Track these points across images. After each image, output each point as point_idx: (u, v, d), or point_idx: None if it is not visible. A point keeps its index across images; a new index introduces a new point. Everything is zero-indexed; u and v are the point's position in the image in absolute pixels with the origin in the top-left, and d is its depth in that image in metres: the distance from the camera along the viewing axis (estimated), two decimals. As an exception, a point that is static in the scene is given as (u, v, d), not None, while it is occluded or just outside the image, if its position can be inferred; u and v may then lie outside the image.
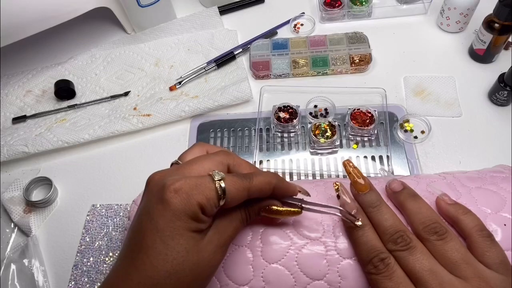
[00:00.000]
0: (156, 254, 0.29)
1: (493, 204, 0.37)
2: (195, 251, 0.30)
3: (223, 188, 0.30)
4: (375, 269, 0.32)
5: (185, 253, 0.29)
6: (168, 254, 0.29)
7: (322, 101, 0.63)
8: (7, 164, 0.62)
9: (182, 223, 0.29)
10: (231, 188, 0.31)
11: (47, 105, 0.68)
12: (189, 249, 0.30)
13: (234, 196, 0.31)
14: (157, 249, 0.29)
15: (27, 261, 0.53)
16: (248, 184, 0.32)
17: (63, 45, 0.76)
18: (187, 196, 0.29)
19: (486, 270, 0.31)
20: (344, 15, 0.74)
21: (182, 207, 0.29)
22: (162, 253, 0.29)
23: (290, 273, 0.36)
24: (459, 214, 0.34)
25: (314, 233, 0.37)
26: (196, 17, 0.75)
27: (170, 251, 0.29)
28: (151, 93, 0.67)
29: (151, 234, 0.29)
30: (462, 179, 0.40)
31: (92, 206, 0.57)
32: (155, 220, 0.29)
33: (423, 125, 0.60)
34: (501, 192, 0.38)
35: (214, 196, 0.30)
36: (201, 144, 0.37)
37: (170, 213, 0.29)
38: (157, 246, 0.29)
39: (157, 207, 0.30)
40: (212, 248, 0.31)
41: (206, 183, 0.30)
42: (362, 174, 0.37)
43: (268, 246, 0.36)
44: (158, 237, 0.29)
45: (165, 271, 0.29)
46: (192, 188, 0.30)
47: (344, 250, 0.36)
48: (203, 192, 0.30)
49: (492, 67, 0.65)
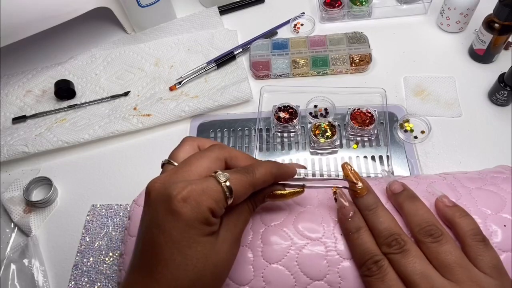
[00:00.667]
0: (176, 265, 0.29)
1: (493, 205, 0.37)
2: (213, 253, 0.30)
3: (230, 188, 0.30)
4: (369, 271, 0.33)
5: (204, 259, 0.29)
6: (188, 264, 0.29)
7: (322, 101, 0.63)
8: (7, 164, 0.62)
9: (197, 231, 0.29)
10: (237, 186, 0.31)
11: (47, 105, 0.68)
12: (207, 253, 0.29)
13: (241, 194, 0.31)
14: (176, 261, 0.29)
15: (27, 261, 0.53)
16: (252, 179, 0.32)
17: (63, 45, 0.76)
18: (197, 203, 0.29)
19: (480, 274, 0.31)
20: (344, 15, 0.74)
21: (194, 216, 0.29)
22: (183, 264, 0.29)
23: (291, 273, 0.36)
24: (455, 217, 0.34)
25: (315, 233, 0.37)
26: (196, 17, 0.75)
27: (190, 260, 0.29)
28: (151, 93, 0.67)
29: (167, 247, 0.29)
30: (463, 180, 0.40)
31: (92, 206, 0.57)
32: (168, 232, 0.29)
33: (423, 125, 0.60)
34: (501, 192, 0.38)
35: (222, 198, 0.30)
36: (190, 139, 0.36)
37: (183, 223, 0.28)
38: (175, 257, 0.29)
39: (167, 218, 0.29)
40: (227, 246, 0.31)
41: (212, 187, 0.30)
42: (360, 177, 0.37)
43: (269, 246, 0.36)
44: (175, 249, 0.29)
45: (188, 280, 0.29)
46: (200, 194, 0.29)
47: (345, 251, 0.36)
48: (211, 197, 0.29)
49: (492, 67, 0.65)
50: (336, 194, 0.36)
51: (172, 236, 0.29)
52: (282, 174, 0.34)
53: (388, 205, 0.37)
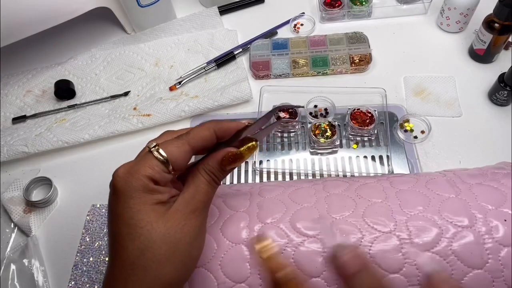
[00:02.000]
0: (123, 237, 0.30)
1: (494, 200, 0.36)
2: (160, 222, 0.30)
3: (161, 154, 0.31)
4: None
5: (149, 226, 0.30)
6: (133, 233, 0.30)
7: (322, 101, 0.63)
8: (7, 164, 0.62)
9: (136, 200, 0.30)
10: (170, 149, 0.31)
11: (47, 105, 0.68)
12: (152, 221, 0.30)
13: (177, 155, 0.31)
14: (122, 233, 0.30)
15: (27, 261, 0.53)
16: (185, 138, 0.32)
17: (63, 45, 0.76)
18: (130, 174, 0.30)
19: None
20: (344, 15, 0.74)
21: (129, 186, 0.30)
22: (128, 234, 0.30)
23: None
24: None
25: (311, 230, 0.36)
26: (196, 17, 0.75)
27: (133, 229, 0.30)
28: (151, 93, 0.67)
29: (115, 222, 0.30)
30: (463, 176, 0.40)
31: (92, 206, 0.57)
32: (114, 209, 0.30)
33: (423, 125, 0.60)
34: (502, 188, 0.38)
35: (157, 163, 0.31)
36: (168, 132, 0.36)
37: (121, 195, 0.30)
38: (121, 229, 0.30)
39: (112, 197, 0.31)
40: (180, 215, 0.31)
41: (144, 156, 0.31)
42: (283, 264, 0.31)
43: None
44: (120, 222, 0.30)
45: (136, 249, 0.29)
46: (132, 167, 0.31)
47: None
48: (144, 164, 0.30)
49: (492, 67, 0.65)
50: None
51: (116, 211, 0.30)
52: (224, 128, 0.34)
53: None
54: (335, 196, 0.39)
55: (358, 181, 0.41)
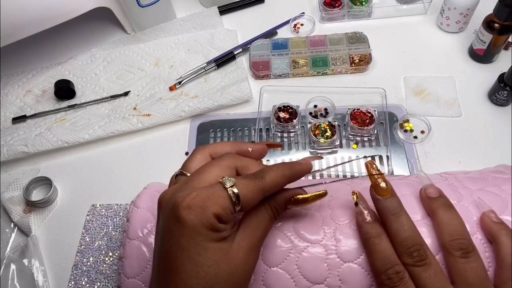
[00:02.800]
0: (187, 273, 0.29)
1: (495, 207, 0.36)
2: (225, 261, 0.29)
3: (236, 194, 0.30)
4: (389, 281, 0.31)
5: (215, 266, 0.29)
6: (199, 271, 0.29)
7: (322, 101, 0.63)
8: (7, 164, 0.62)
9: (204, 237, 0.29)
10: (245, 191, 0.30)
11: (47, 105, 0.68)
12: (218, 260, 0.29)
13: (249, 200, 0.30)
14: (187, 269, 0.29)
15: (27, 261, 0.53)
16: (261, 183, 0.31)
17: (63, 45, 0.76)
18: (201, 209, 0.29)
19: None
20: (344, 15, 0.74)
21: (198, 222, 0.28)
22: (194, 271, 0.29)
23: (291, 277, 0.35)
24: (501, 234, 0.33)
25: (315, 236, 0.36)
26: (196, 17, 0.75)
27: (200, 267, 0.29)
28: (151, 93, 0.67)
29: (177, 255, 0.29)
30: (464, 181, 0.40)
31: (92, 206, 0.57)
32: (177, 240, 0.29)
33: (423, 125, 0.60)
34: (503, 194, 0.38)
35: (228, 204, 0.29)
36: (202, 149, 0.36)
37: (189, 230, 0.28)
38: (186, 266, 0.29)
39: (175, 226, 0.29)
40: (243, 253, 0.30)
41: (218, 192, 0.29)
42: (385, 178, 0.35)
43: (269, 249, 0.36)
44: (185, 257, 0.29)
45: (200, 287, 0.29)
46: (204, 201, 0.29)
47: (345, 254, 0.35)
48: (217, 202, 0.29)
49: (492, 67, 0.65)
50: (358, 199, 0.35)
51: (180, 244, 0.29)
52: (296, 173, 0.33)
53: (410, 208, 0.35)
54: (338, 200, 0.39)
55: (360, 183, 0.41)
